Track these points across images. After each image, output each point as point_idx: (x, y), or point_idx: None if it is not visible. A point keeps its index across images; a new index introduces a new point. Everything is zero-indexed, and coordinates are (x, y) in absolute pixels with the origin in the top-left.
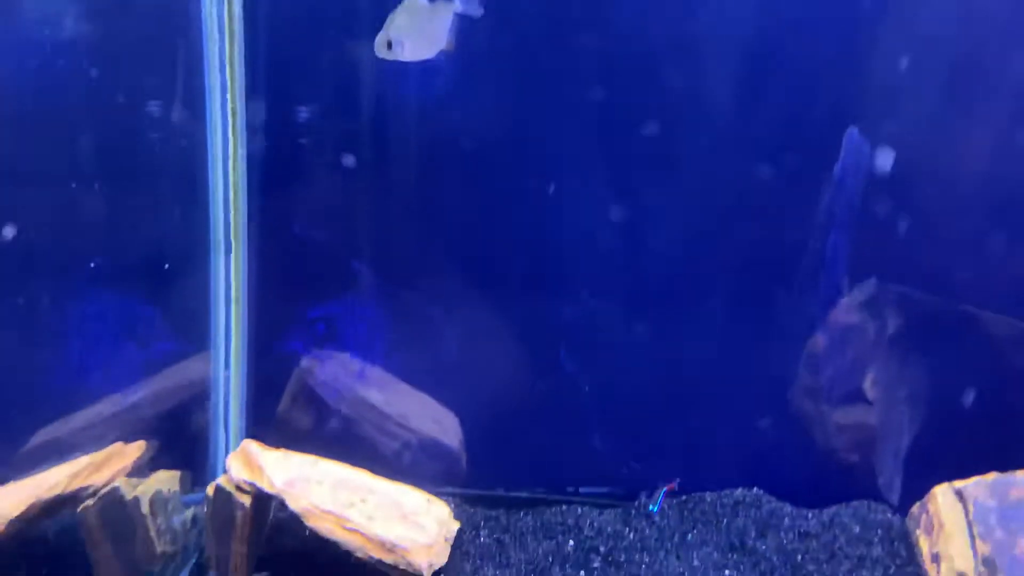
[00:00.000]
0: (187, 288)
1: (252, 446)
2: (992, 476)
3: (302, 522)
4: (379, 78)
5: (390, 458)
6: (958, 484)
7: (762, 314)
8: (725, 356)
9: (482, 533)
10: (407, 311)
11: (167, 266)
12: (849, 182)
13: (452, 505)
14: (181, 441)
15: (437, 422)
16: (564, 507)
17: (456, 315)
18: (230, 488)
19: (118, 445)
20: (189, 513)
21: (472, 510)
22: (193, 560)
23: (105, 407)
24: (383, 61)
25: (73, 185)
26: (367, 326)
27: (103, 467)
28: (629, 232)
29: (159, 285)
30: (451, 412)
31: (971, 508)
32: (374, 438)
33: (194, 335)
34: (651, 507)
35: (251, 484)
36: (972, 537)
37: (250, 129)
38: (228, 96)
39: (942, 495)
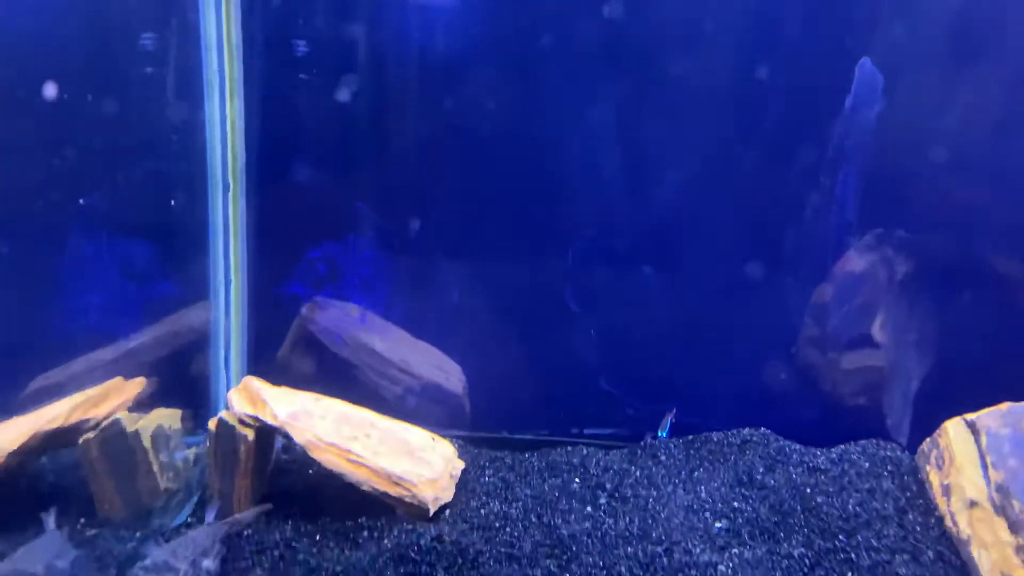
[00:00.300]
0: (185, 228)
1: (254, 382)
2: (1006, 406)
3: (306, 460)
4: (380, 13)
5: (392, 402)
6: (970, 416)
7: (771, 256)
8: (732, 300)
9: (487, 472)
10: (409, 253)
11: (173, 203)
12: (862, 114)
13: (456, 446)
14: (182, 386)
15: (439, 368)
16: (569, 448)
17: (459, 257)
18: (232, 422)
19: (118, 380)
20: (191, 452)
21: (476, 451)
22: (196, 497)
23: (105, 352)
24: None
25: (67, 123)
26: (369, 268)
27: (103, 401)
28: (635, 170)
29: (156, 225)
30: (453, 360)
31: (984, 438)
32: (376, 383)
33: (193, 276)
34: (660, 433)
35: (254, 417)
36: (985, 467)
37: (247, 63)
38: (224, 28)
39: (953, 428)
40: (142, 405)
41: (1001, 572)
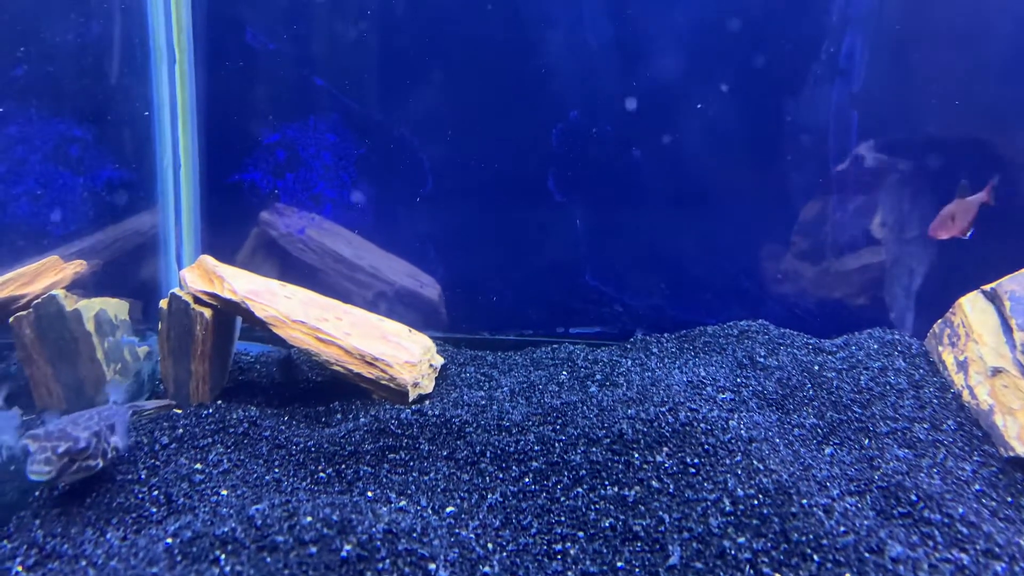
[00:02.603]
0: (127, 105)
1: (209, 260)
2: None
3: (274, 352)
4: None
5: (364, 306)
6: (988, 286)
7: (771, 135)
8: (729, 194)
9: (468, 369)
10: (378, 135)
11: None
12: None
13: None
14: (132, 288)
15: (412, 277)
16: (555, 346)
17: (433, 141)
18: (187, 299)
19: (53, 258)
20: (143, 351)
21: (456, 350)
22: (147, 394)
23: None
24: None
25: None
26: (332, 153)
27: (37, 279)
28: (627, 42)
29: (95, 102)
30: (426, 273)
31: (1007, 303)
32: (346, 287)
33: (136, 161)
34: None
35: (210, 294)
36: (1009, 331)
37: None
38: None
39: (969, 303)
40: (84, 286)
41: None
